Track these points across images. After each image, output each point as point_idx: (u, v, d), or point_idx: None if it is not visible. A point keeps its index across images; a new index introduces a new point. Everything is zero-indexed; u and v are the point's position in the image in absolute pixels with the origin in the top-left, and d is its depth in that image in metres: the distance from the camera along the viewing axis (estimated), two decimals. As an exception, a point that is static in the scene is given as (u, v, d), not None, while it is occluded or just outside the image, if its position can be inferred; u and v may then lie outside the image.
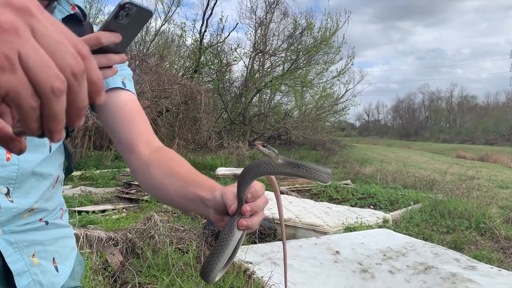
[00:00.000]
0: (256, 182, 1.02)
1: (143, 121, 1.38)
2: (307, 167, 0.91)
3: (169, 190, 1.22)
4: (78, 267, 1.39)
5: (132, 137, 1.32)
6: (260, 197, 1.00)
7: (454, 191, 8.96)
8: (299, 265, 4.44)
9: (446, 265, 4.55)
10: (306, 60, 22.92)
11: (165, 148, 1.38)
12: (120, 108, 1.34)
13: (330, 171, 0.96)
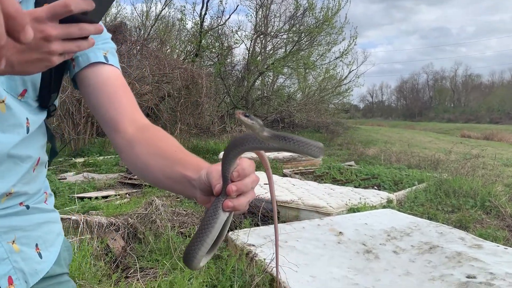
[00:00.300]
0: (244, 159, 0.95)
1: (128, 97, 1.30)
2: (296, 140, 0.84)
3: (154, 170, 1.15)
4: (65, 253, 1.33)
5: (116, 115, 1.25)
6: (249, 175, 0.92)
7: (459, 170, 8.88)
8: (302, 247, 4.41)
9: (451, 244, 4.50)
10: (308, 41, 22.65)
11: (152, 125, 1.30)
12: (102, 84, 1.27)
13: (322, 145, 0.88)
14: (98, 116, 1.28)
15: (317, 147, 0.86)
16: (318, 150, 0.86)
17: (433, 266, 4.09)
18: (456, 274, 3.88)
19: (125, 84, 1.34)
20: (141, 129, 1.24)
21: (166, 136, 1.25)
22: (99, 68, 1.26)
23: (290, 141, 0.83)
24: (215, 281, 3.80)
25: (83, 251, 3.96)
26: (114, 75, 1.30)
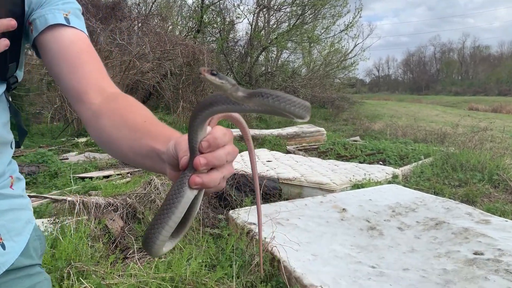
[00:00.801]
0: (218, 127, 0.82)
1: (93, 63, 1.17)
2: (275, 96, 0.70)
3: (121, 143, 1.03)
4: (36, 243, 1.21)
5: (80, 84, 1.12)
6: (222, 146, 0.79)
7: (466, 144, 8.70)
8: (304, 225, 4.30)
9: (458, 219, 4.38)
10: (312, 14, 22.18)
11: (121, 94, 1.17)
12: (63, 50, 1.13)
13: (308, 104, 0.74)
14: (61, 86, 1.15)
15: (302, 105, 0.72)
16: (303, 108, 0.72)
17: (439, 243, 3.97)
18: (463, 250, 3.77)
19: (91, 49, 1.19)
20: (108, 99, 1.12)
21: (137, 106, 1.11)
22: (59, 31, 1.13)
23: (268, 97, 0.69)
24: (214, 261, 3.71)
25: (79, 232, 3.89)
26: (77, 39, 1.16)
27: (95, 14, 10.48)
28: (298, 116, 0.72)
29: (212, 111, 0.76)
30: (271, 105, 0.70)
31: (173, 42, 12.47)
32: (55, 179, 7.04)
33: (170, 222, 0.78)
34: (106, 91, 1.14)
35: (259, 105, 0.73)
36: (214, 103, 0.76)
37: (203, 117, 0.77)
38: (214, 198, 5.09)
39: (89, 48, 1.19)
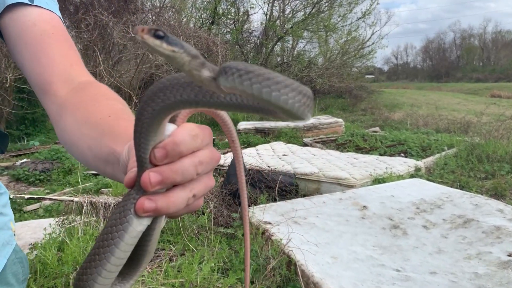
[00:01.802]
0: (186, 125, 0.60)
1: (60, 47, 0.98)
2: (246, 73, 0.45)
3: (81, 144, 0.85)
4: (15, 266, 1.02)
5: (44, 73, 0.95)
6: (191, 154, 0.58)
7: (492, 133, 8.31)
8: (323, 224, 4.07)
9: (489, 217, 4.09)
10: (328, 2, 21.69)
11: (93, 83, 0.98)
12: (24, 33, 0.95)
13: (309, 92, 0.49)
14: (26, 75, 0.98)
15: (297, 92, 0.47)
16: (299, 98, 0.47)
17: (468, 243, 3.70)
18: (495, 251, 3.49)
19: (58, 31, 1.00)
20: (76, 90, 0.94)
21: (106, 96, 0.92)
22: (20, 12, 0.95)
23: (233, 75, 0.45)
24: (227, 264, 3.52)
25: (87, 234, 3.74)
26: (41, 20, 0.97)
27: (108, 7, 10.34)
28: (292, 113, 0.46)
29: (166, 105, 0.53)
30: (240, 88, 0.45)
31: (186, 34, 12.26)
32: (69, 176, 6.95)
33: (108, 266, 0.56)
34: (74, 80, 0.96)
35: (228, 90, 0.48)
36: (168, 90, 0.53)
37: (154, 113, 0.54)
38: (228, 195, 4.89)
39: (55, 29, 1.00)
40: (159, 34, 0.47)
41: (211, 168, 0.60)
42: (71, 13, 10.13)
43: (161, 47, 0.47)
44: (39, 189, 6.11)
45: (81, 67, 1.02)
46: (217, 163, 0.62)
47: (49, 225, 3.97)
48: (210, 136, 0.61)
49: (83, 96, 0.92)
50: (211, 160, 0.60)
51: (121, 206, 0.56)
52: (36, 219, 4.72)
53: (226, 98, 0.53)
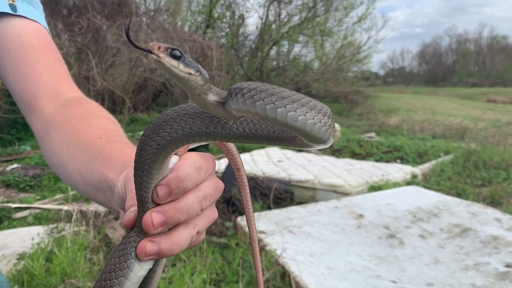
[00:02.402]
0: (189, 156, 0.56)
1: (46, 61, 0.92)
2: (270, 95, 0.42)
3: (70, 168, 0.79)
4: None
5: (29, 87, 0.88)
6: (195, 188, 0.53)
7: (488, 139, 8.27)
8: (318, 233, 4.00)
9: (486, 226, 4.03)
10: (324, 6, 21.70)
11: (81, 100, 0.92)
12: (8, 45, 0.88)
13: (330, 111, 0.46)
14: (10, 90, 0.92)
15: (318, 112, 0.43)
16: (320, 119, 0.43)
17: (465, 253, 3.63)
18: (493, 262, 3.42)
19: (45, 43, 0.94)
20: (63, 107, 0.87)
21: (95, 114, 0.87)
22: (4, 23, 0.89)
23: (259, 100, 0.41)
24: (220, 276, 3.43)
25: (76, 244, 3.64)
26: (25, 32, 0.90)
27: (101, 10, 10.25)
28: (312, 135, 0.42)
29: (174, 139, 0.49)
30: (252, 110, 0.42)
31: (181, 38, 12.20)
32: (60, 182, 6.84)
33: None
34: (62, 96, 0.90)
35: (239, 113, 0.45)
36: (176, 122, 0.49)
37: (160, 148, 0.50)
38: (222, 203, 4.80)
39: (41, 41, 0.93)
40: (176, 54, 0.44)
41: (214, 200, 0.57)
42: (64, 16, 10.05)
43: (177, 68, 0.44)
44: (30, 196, 6.00)
45: (68, 81, 0.96)
46: (221, 194, 0.58)
47: (37, 235, 3.87)
48: (213, 165, 0.57)
49: (71, 114, 0.86)
50: (215, 192, 0.56)
51: (120, 250, 0.52)
52: (25, 226, 4.61)
53: (239, 128, 0.49)
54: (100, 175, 0.70)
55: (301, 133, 0.43)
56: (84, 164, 0.76)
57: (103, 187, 0.69)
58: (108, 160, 0.71)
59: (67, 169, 0.81)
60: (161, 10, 14.72)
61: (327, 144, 0.46)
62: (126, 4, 11.30)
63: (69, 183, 0.85)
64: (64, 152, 0.81)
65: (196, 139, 0.50)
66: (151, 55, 0.44)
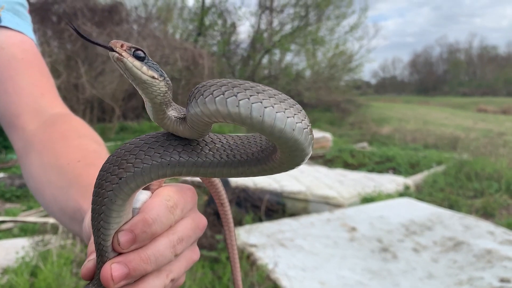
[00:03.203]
0: (164, 190, 0.49)
1: (30, 75, 0.86)
2: (244, 90, 0.36)
3: (47, 194, 0.74)
4: None
5: (11, 103, 0.83)
6: (169, 230, 0.47)
7: (480, 150, 8.28)
8: (311, 246, 3.93)
9: (479, 239, 3.99)
10: (316, 15, 21.79)
11: (66, 116, 0.86)
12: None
13: (305, 119, 0.39)
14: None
15: (298, 110, 0.39)
16: (301, 118, 0.38)
17: (459, 267, 3.59)
18: (487, 277, 3.38)
19: (31, 55, 0.88)
20: (47, 124, 0.82)
21: (78, 133, 0.81)
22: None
23: (232, 96, 0.36)
24: (210, 291, 3.34)
25: (62, 258, 3.54)
26: (9, 44, 0.85)
27: (91, 18, 10.17)
28: (293, 138, 0.37)
29: (139, 172, 0.42)
30: (223, 110, 0.36)
31: (172, 46, 12.13)
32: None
33: None
34: (45, 112, 0.84)
35: (206, 119, 0.38)
36: (142, 151, 0.42)
37: (121, 184, 0.42)
38: (212, 215, 4.71)
39: (26, 53, 0.87)
40: (139, 55, 0.40)
41: (194, 240, 0.50)
42: (54, 23, 9.96)
43: (140, 70, 0.40)
44: (15, 206, 5.87)
45: (53, 95, 0.90)
46: (203, 231, 0.52)
47: (22, 248, 3.76)
48: (193, 200, 0.50)
49: (53, 133, 0.80)
50: (195, 232, 0.49)
51: None
52: (10, 238, 4.50)
53: (216, 155, 0.44)
54: (75, 204, 0.64)
55: (278, 136, 0.37)
56: (60, 190, 0.70)
57: (78, 217, 0.64)
58: (83, 187, 0.65)
59: (43, 194, 0.76)
60: (152, 17, 14.66)
61: (306, 156, 0.40)
62: (117, 11, 11.24)
63: (46, 210, 0.79)
64: (42, 176, 0.76)
65: (167, 171, 0.43)
66: (111, 53, 0.40)
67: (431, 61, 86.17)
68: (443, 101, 41.08)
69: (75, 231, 0.71)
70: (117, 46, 0.40)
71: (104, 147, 0.83)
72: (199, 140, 0.44)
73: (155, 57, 11.21)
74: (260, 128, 0.36)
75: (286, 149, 0.39)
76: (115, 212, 0.43)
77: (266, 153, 0.45)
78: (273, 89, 0.39)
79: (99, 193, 0.43)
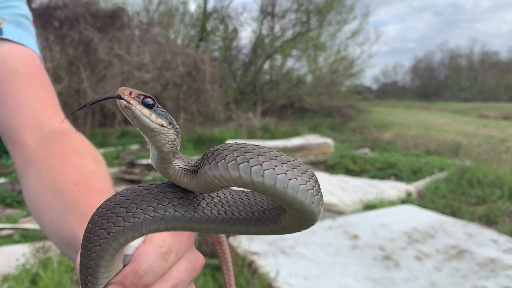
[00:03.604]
0: (156, 238, 0.47)
1: (31, 88, 0.85)
2: (256, 155, 0.37)
3: (44, 216, 0.73)
4: None
5: (10, 117, 0.82)
6: (159, 281, 0.45)
7: (482, 156, 8.25)
8: (313, 254, 3.90)
9: (483, 248, 3.96)
10: (317, 21, 21.83)
11: (66, 132, 0.85)
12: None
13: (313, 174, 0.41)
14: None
15: (310, 177, 0.39)
16: (313, 185, 0.39)
17: (462, 276, 3.55)
18: (491, 286, 3.35)
19: (33, 68, 0.87)
20: (47, 140, 0.81)
21: (77, 152, 0.80)
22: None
23: (244, 162, 0.36)
24: (211, 300, 3.32)
25: (63, 265, 3.52)
26: (12, 56, 0.84)
27: (93, 23, 10.19)
28: (303, 206, 0.37)
29: (130, 227, 0.40)
30: (234, 175, 0.36)
31: (173, 51, 12.14)
32: (49, 197, 6.69)
33: None
34: (45, 127, 0.83)
35: (216, 181, 0.37)
36: (134, 204, 0.40)
37: (110, 239, 0.41)
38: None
39: (27, 66, 0.86)
40: (148, 102, 0.39)
41: (190, 282, 0.49)
42: (56, 28, 9.97)
43: (149, 118, 0.38)
44: (16, 212, 5.85)
45: (54, 110, 0.89)
46: (200, 271, 0.52)
47: (22, 255, 3.74)
48: (189, 239, 0.50)
49: (52, 150, 0.79)
50: (191, 274, 0.48)
51: None
52: (11, 244, 4.48)
53: (213, 211, 0.43)
54: (71, 232, 0.63)
55: (289, 203, 0.37)
56: (56, 214, 0.69)
57: (74, 245, 0.62)
58: (81, 214, 0.63)
59: (41, 216, 0.74)
60: (153, 23, 14.69)
61: (314, 221, 0.40)
62: (119, 17, 11.25)
63: (44, 231, 0.78)
64: (39, 196, 0.75)
65: (159, 226, 0.41)
66: (119, 101, 0.38)
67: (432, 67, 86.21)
68: (444, 106, 41.06)
69: (71, 257, 0.69)
70: (125, 93, 0.39)
71: (104, 165, 0.82)
72: (196, 194, 0.42)
73: (157, 62, 11.22)
74: (280, 198, 0.36)
75: (298, 217, 0.39)
76: (103, 268, 0.42)
77: (268, 214, 0.44)
78: (294, 158, 0.38)
79: (86, 247, 0.42)
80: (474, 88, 69.21)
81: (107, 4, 13.05)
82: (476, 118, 25.95)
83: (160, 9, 18.64)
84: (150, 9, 17.34)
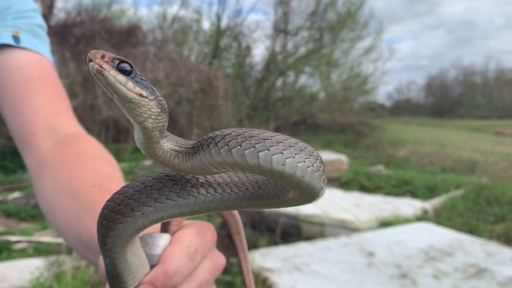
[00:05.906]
0: (182, 235, 0.47)
1: (46, 94, 0.87)
2: (249, 138, 0.35)
3: (60, 218, 0.73)
4: None
5: (25, 122, 0.83)
6: (186, 281, 0.46)
7: (499, 174, 8.10)
8: (327, 272, 3.83)
9: (503, 267, 3.85)
10: (330, 38, 21.93)
11: (80, 136, 0.86)
12: (7, 77, 0.85)
13: (319, 155, 0.39)
14: (7, 123, 0.87)
15: (309, 154, 0.37)
16: (312, 162, 0.36)
17: (483, 296, 3.46)
18: (513, 306, 3.25)
19: (47, 75, 0.89)
20: (59, 145, 0.82)
21: (92, 155, 0.81)
22: (5, 54, 0.85)
23: (237, 146, 0.34)
24: (224, 317, 3.26)
25: (76, 279, 3.50)
26: (28, 64, 0.86)
27: (108, 40, 10.38)
28: (304, 183, 0.35)
29: (137, 224, 0.39)
30: (229, 160, 0.34)
31: (187, 68, 12.27)
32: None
33: None
34: (59, 131, 0.84)
35: (211, 167, 0.35)
36: (141, 202, 0.39)
37: (120, 237, 0.40)
38: (226, 237, 4.65)
39: (42, 73, 0.88)
40: (124, 68, 0.34)
41: (212, 281, 0.50)
42: (72, 45, 10.18)
43: (125, 85, 0.34)
44: (30, 226, 5.88)
45: (68, 115, 0.90)
46: (221, 271, 0.52)
47: (36, 268, 3.74)
48: (212, 239, 0.51)
49: (67, 153, 0.80)
50: (214, 274, 0.49)
51: None
52: (25, 258, 4.49)
53: (218, 190, 0.41)
54: (89, 232, 0.63)
55: (289, 181, 0.35)
56: (74, 216, 0.69)
57: (92, 246, 0.62)
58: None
59: (56, 218, 0.74)
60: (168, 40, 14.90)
61: (318, 197, 0.38)
62: (134, 34, 11.45)
63: (58, 233, 0.78)
64: (55, 198, 0.75)
65: (165, 215, 0.40)
66: (91, 63, 0.34)
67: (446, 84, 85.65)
68: (459, 123, 40.64)
69: (89, 259, 0.69)
70: (96, 56, 0.34)
71: (118, 168, 0.82)
72: (192, 177, 0.41)
73: (171, 78, 11.32)
74: (279, 178, 0.35)
75: (298, 189, 0.37)
76: (127, 260, 0.42)
77: (272, 190, 0.42)
78: (281, 134, 0.37)
79: (103, 242, 0.43)
80: (489, 105, 68.50)
81: (122, 21, 13.28)
82: (492, 136, 25.62)
83: (174, 26, 18.94)
84: (164, 27, 17.62)
